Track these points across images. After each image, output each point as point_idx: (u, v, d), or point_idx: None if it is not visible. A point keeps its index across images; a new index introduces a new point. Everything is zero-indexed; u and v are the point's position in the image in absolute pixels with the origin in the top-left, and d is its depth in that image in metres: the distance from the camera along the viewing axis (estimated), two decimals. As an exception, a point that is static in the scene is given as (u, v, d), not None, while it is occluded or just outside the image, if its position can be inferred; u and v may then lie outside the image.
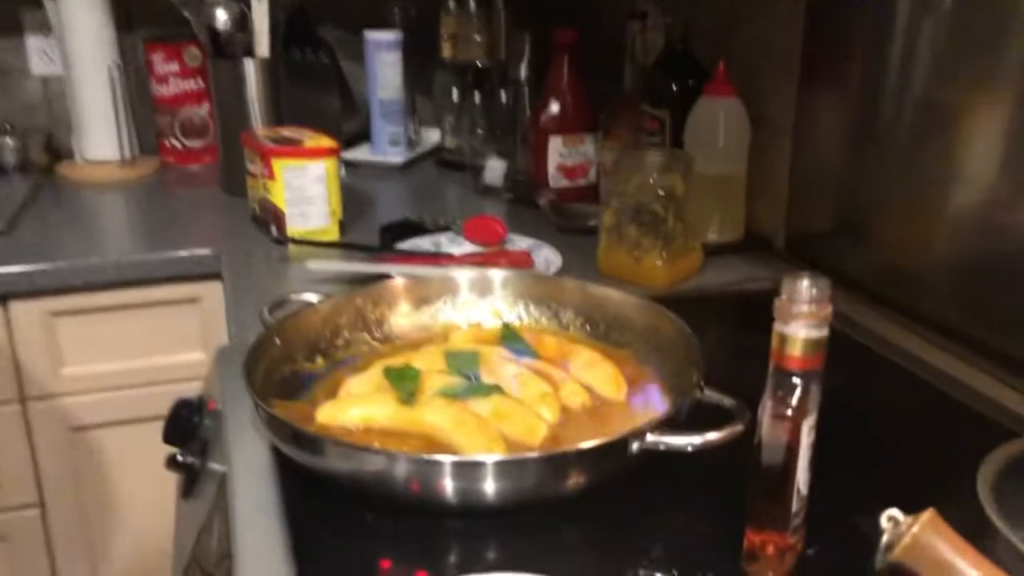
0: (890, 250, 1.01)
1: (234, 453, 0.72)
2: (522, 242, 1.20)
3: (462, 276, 0.91)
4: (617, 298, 0.86)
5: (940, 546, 0.48)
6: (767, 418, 0.53)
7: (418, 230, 1.24)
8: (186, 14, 1.46)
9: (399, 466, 0.60)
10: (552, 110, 1.37)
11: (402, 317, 0.88)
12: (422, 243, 1.20)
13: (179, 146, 1.70)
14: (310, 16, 1.70)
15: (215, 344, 1.00)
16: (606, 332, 0.85)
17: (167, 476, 0.86)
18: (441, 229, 1.24)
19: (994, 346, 0.86)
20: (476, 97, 1.63)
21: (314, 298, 0.85)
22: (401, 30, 1.65)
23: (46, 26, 1.62)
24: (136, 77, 1.67)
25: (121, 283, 1.23)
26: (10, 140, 1.61)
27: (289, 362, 0.78)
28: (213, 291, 1.25)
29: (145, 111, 1.68)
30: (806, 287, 0.51)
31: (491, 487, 0.60)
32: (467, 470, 0.60)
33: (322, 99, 1.68)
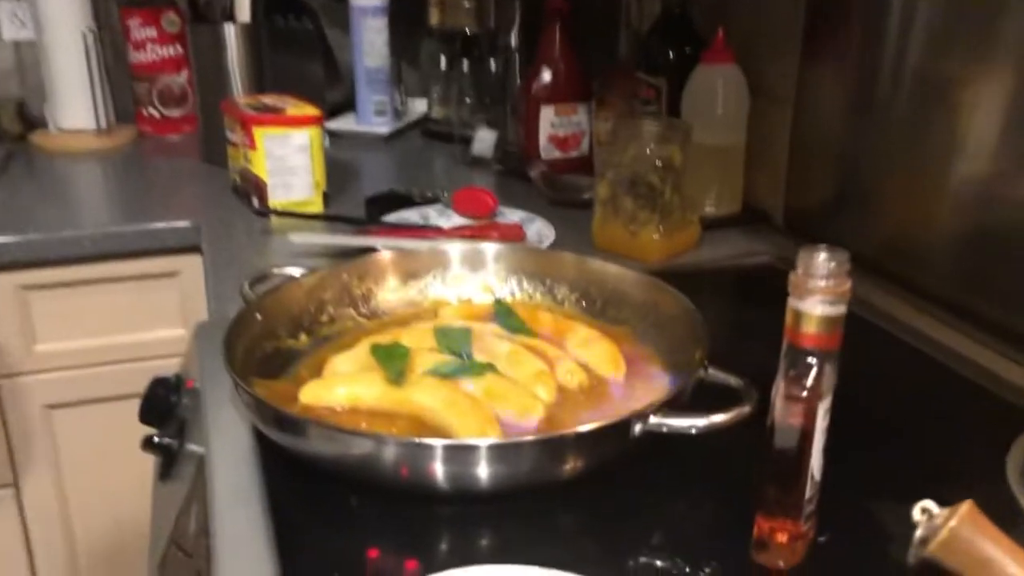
0: (891, 222, 0.99)
1: (213, 434, 0.70)
2: (513, 215, 1.16)
3: (452, 249, 0.88)
4: (615, 272, 0.83)
5: (980, 542, 0.45)
6: (780, 399, 0.51)
7: (405, 202, 1.21)
8: (163, -23, 1.42)
9: (387, 450, 0.58)
10: (544, 79, 1.34)
11: (390, 292, 0.85)
12: (410, 215, 1.17)
13: (157, 115, 1.66)
14: (293, -20, 1.66)
15: (194, 320, 0.98)
16: (603, 308, 0.83)
17: (144, 456, 0.83)
18: (429, 201, 1.21)
19: (997, 319, 0.84)
20: (464, 65, 1.59)
21: (297, 272, 0.83)
22: (387, -5, 1.61)
23: (17, -11, 1.57)
24: (112, 43, 1.62)
25: (97, 256, 1.19)
26: (-19, 108, 1.57)
27: (271, 339, 0.75)
28: (192, 264, 1.22)
29: (122, 78, 1.64)
30: (823, 260, 0.48)
31: (485, 472, 0.57)
32: (459, 454, 0.57)
33: (305, 67, 1.64)
